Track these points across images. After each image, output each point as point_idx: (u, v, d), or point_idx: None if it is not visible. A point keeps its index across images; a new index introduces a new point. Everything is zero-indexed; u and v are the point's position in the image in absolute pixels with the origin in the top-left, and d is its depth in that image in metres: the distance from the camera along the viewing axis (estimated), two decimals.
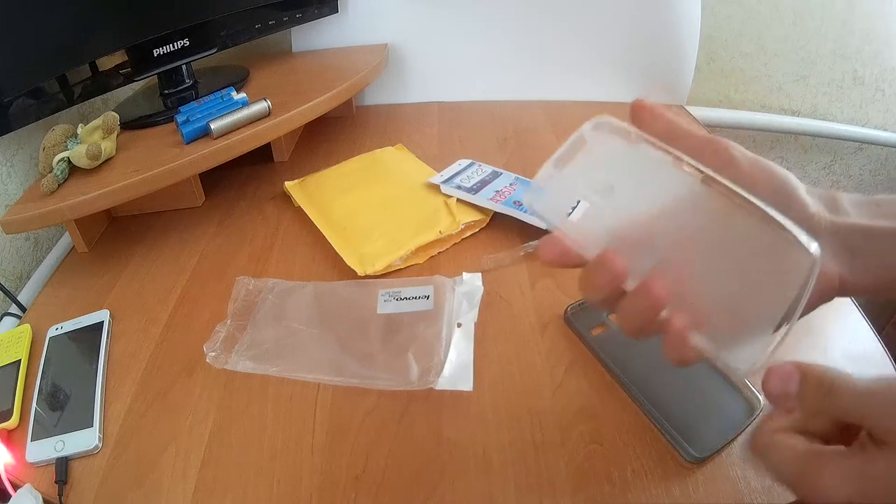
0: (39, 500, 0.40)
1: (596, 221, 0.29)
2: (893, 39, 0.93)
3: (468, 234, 0.62)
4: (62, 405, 0.47)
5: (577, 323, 0.50)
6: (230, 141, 0.64)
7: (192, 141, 0.64)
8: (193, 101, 0.69)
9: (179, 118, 0.65)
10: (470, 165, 0.71)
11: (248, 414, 0.45)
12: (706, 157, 0.28)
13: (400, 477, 0.40)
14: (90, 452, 0.43)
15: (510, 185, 0.66)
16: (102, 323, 0.54)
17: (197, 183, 0.71)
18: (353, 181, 0.71)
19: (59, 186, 0.60)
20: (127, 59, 0.70)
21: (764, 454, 0.26)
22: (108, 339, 0.53)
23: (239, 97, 0.69)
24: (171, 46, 0.73)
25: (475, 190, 0.65)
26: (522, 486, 0.39)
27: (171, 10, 0.72)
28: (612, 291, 0.29)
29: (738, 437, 0.41)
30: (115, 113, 0.63)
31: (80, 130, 0.63)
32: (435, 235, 0.60)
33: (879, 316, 1.20)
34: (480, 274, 0.56)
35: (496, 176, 0.69)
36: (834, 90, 0.99)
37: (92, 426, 0.44)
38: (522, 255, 0.58)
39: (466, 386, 0.46)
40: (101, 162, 0.62)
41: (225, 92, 0.70)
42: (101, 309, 0.55)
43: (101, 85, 0.68)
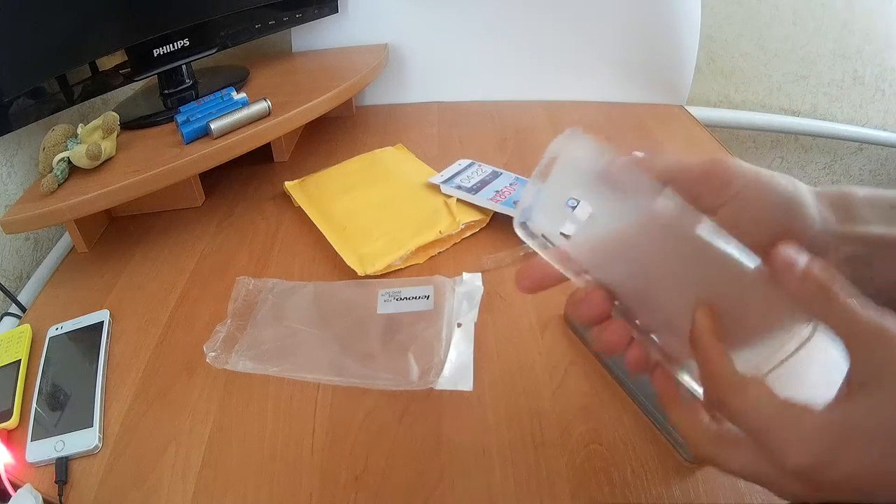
0: (39, 500, 0.40)
1: (585, 240, 0.30)
2: (893, 39, 0.93)
3: (468, 234, 0.62)
4: (62, 405, 0.47)
5: (577, 323, 0.50)
6: (230, 141, 0.64)
7: (192, 141, 0.64)
8: (193, 101, 0.69)
9: (179, 118, 0.65)
10: (470, 165, 0.71)
11: (248, 414, 0.45)
12: (703, 189, 0.27)
13: (400, 477, 0.40)
14: (90, 452, 0.43)
15: (510, 185, 0.66)
16: (102, 323, 0.54)
17: (197, 183, 0.71)
18: (353, 181, 0.71)
19: (59, 186, 0.60)
20: (127, 59, 0.70)
21: (729, 397, 0.25)
22: (108, 339, 0.53)
23: (239, 97, 0.69)
24: (171, 46, 0.73)
25: (475, 190, 0.65)
26: (522, 486, 0.39)
27: (171, 10, 0.72)
28: (598, 320, 0.30)
29: None
30: (115, 113, 0.63)
31: (80, 130, 0.63)
32: (435, 235, 0.60)
33: None
34: (480, 274, 0.56)
35: (496, 176, 0.69)
36: (834, 90, 1.00)
37: (92, 426, 0.44)
38: (522, 255, 0.58)
39: (466, 386, 0.46)
40: (101, 162, 0.62)
41: (225, 92, 0.70)
42: (101, 309, 0.55)
43: (101, 85, 0.69)
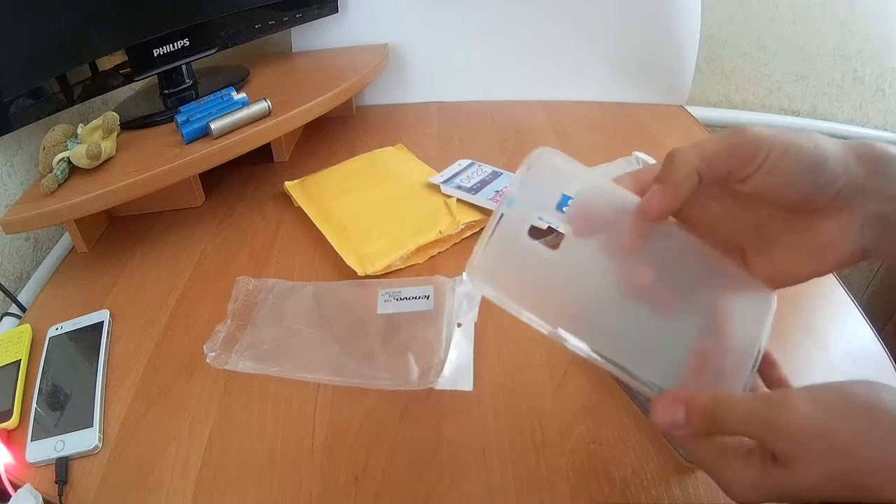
0: (39, 500, 0.40)
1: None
2: (893, 39, 0.93)
3: (468, 234, 0.62)
4: (62, 405, 0.47)
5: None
6: (230, 141, 0.64)
7: (192, 141, 0.64)
8: (193, 101, 0.69)
9: (179, 118, 0.65)
10: (470, 165, 0.71)
11: (248, 414, 0.45)
12: (731, 167, 0.27)
13: (400, 477, 0.40)
14: (90, 452, 0.43)
15: (510, 185, 0.66)
16: (102, 323, 0.54)
17: (197, 183, 0.71)
18: (353, 181, 0.71)
19: (59, 186, 0.60)
20: (127, 59, 0.70)
21: (684, 448, 0.29)
22: (108, 339, 0.53)
23: (239, 97, 0.69)
24: (171, 46, 0.73)
25: (475, 190, 0.65)
26: (522, 486, 0.39)
27: (171, 10, 0.72)
28: None
29: None
30: (115, 113, 0.63)
31: (80, 130, 0.63)
32: (435, 235, 0.60)
33: (879, 316, 1.20)
34: None
35: (496, 176, 0.69)
36: (834, 90, 0.99)
37: (92, 426, 0.44)
38: None
39: (466, 386, 0.46)
40: (101, 162, 0.62)
41: (225, 92, 0.70)
42: (101, 309, 0.55)
43: (101, 85, 0.69)
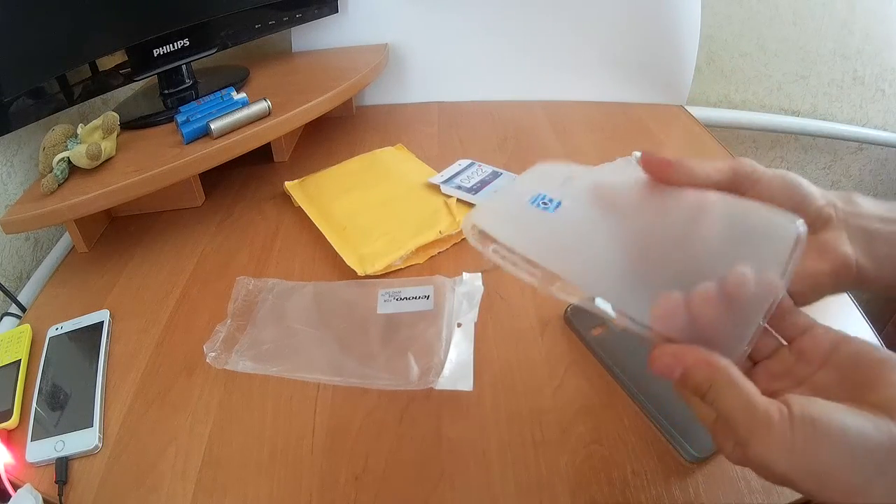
0: (39, 500, 0.40)
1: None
2: (893, 39, 0.93)
3: None
4: (62, 405, 0.47)
5: (577, 323, 0.50)
6: (230, 141, 0.64)
7: (192, 141, 0.64)
8: (193, 101, 0.69)
9: (179, 118, 0.65)
10: (470, 165, 0.71)
11: (248, 414, 0.45)
12: (735, 187, 0.29)
13: (400, 477, 0.40)
14: (90, 452, 0.43)
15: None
16: (102, 323, 0.54)
17: (197, 183, 0.71)
18: (353, 181, 0.71)
19: (59, 186, 0.60)
20: (127, 59, 0.70)
21: (713, 386, 0.25)
22: (108, 339, 0.53)
23: (239, 97, 0.69)
24: (171, 46, 0.73)
25: (475, 190, 0.65)
26: (522, 486, 0.39)
27: (171, 10, 0.72)
28: None
29: None
30: (115, 113, 0.63)
31: (80, 130, 0.63)
32: (435, 235, 0.60)
33: (879, 316, 1.20)
34: (480, 274, 0.56)
35: (496, 176, 0.69)
36: (834, 90, 1.00)
37: (92, 426, 0.44)
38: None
39: (466, 386, 0.46)
40: (101, 162, 0.62)
41: (225, 92, 0.70)
42: (101, 309, 0.55)
43: (101, 85, 0.69)
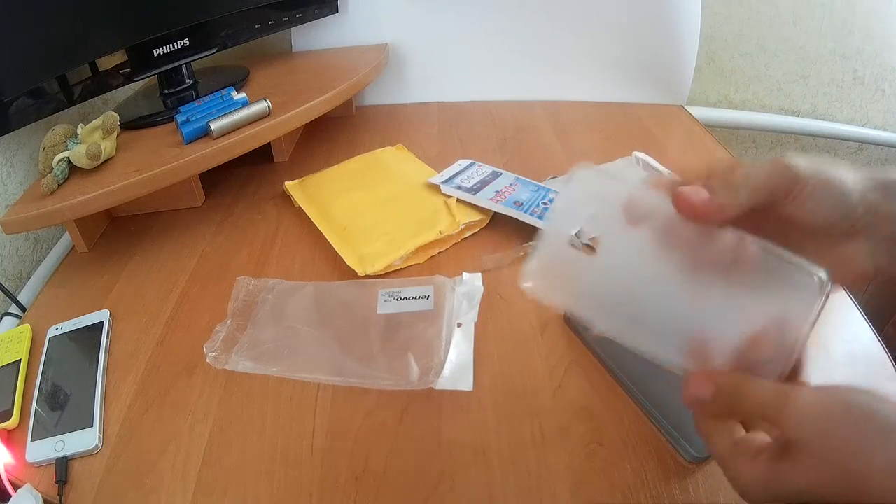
0: (39, 500, 0.40)
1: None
2: (893, 39, 0.93)
3: (468, 234, 0.62)
4: (62, 405, 0.47)
5: (577, 323, 0.50)
6: (230, 141, 0.64)
7: (192, 141, 0.64)
8: (193, 101, 0.69)
9: (179, 118, 0.65)
10: (470, 165, 0.71)
11: (248, 414, 0.45)
12: (777, 187, 0.28)
13: (400, 477, 0.40)
14: (90, 452, 0.43)
15: (510, 185, 0.66)
16: (102, 323, 0.54)
17: (197, 183, 0.71)
18: (353, 181, 0.71)
19: (59, 186, 0.60)
20: (127, 59, 0.70)
21: (702, 434, 0.29)
22: (108, 339, 0.53)
23: (239, 97, 0.69)
24: (171, 46, 0.73)
25: (475, 190, 0.65)
26: (522, 486, 0.39)
27: (171, 10, 0.72)
28: None
29: None
30: (115, 113, 0.63)
31: (80, 130, 0.63)
32: (435, 235, 0.60)
33: (879, 316, 1.20)
34: (480, 274, 0.56)
35: (496, 176, 0.69)
36: (834, 90, 0.99)
37: (92, 426, 0.44)
38: (522, 255, 0.58)
39: (466, 386, 0.46)
40: (101, 162, 0.62)
41: (225, 92, 0.70)
42: (101, 309, 0.55)
43: (101, 85, 0.69)
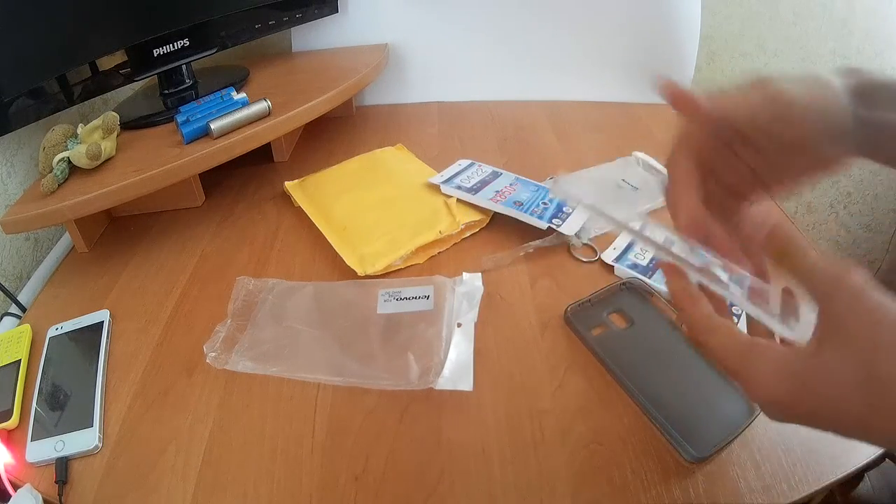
0: (39, 500, 0.40)
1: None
2: (893, 39, 0.93)
3: (468, 234, 0.62)
4: (62, 405, 0.47)
5: (577, 323, 0.50)
6: (230, 141, 0.64)
7: (192, 141, 0.64)
8: (193, 101, 0.69)
9: (179, 118, 0.65)
10: (470, 166, 0.71)
11: (248, 414, 0.45)
12: (765, 115, 0.29)
13: (400, 477, 0.40)
14: (90, 452, 0.43)
15: (510, 185, 0.66)
16: (102, 323, 0.54)
17: (197, 183, 0.71)
18: (353, 181, 0.71)
19: (59, 186, 0.60)
20: (127, 59, 0.70)
21: (704, 338, 0.27)
22: (108, 339, 0.53)
23: (239, 97, 0.69)
24: (171, 46, 0.73)
25: (475, 190, 0.65)
26: (522, 486, 0.39)
27: (170, 10, 0.72)
28: None
29: (738, 436, 0.41)
30: (115, 113, 0.63)
31: (80, 130, 0.63)
32: (435, 235, 0.60)
33: None
34: (480, 274, 0.56)
35: (496, 176, 0.69)
36: None
37: (92, 426, 0.44)
38: (522, 255, 0.58)
39: (466, 386, 0.46)
40: (101, 162, 0.62)
41: (225, 92, 0.70)
42: (101, 309, 0.55)
43: (101, 85, 0.69)
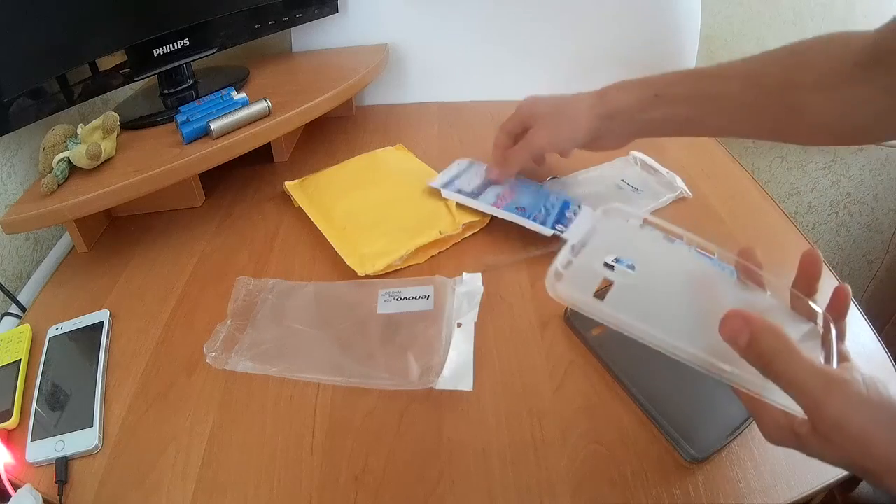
0: (39, 500, 0.40)
1: (624, 301, 0.31)
2: None
3: (468, 234, 0.62)
4: (62, 405, 0.47)
5: (577, 323, 0.50)
6: (230, 141, 0.64)
7: (192, 141, 0.64)
8: (193, 101, 0.69)
9: (179, 118, 0.65)
10: (469, 166, 0.71)
11: (248, 414, 0.45)
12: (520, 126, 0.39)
13: (400, 477, 0.40)
14: (90, 452, 0.43)
15: (511, 187, 0.66)
16: (102, 323, 0.54)
17: (197, 183, 0.71)
18: (353, 181, 0.71)
19: (59, 186, 0.60)
20: (127, 59, 0.70)
21: (777, 354, 0.28)
22: (108, 339, 0.53)
23: (239, 97, 0.69)
24: (171, 46, 0.73)
25: (476, 195, 0.64)
26: (522, 486, 0.39)
27: (171, 10, 0.72)
28: None
29: (737, 436, 0.41)
30: (115, 113, 0.63)
31: (80, 130, 0.63)
32: (435, 235, 0.60)
33: (879, 316, 1.20)
34: (480, 274, 0.56)
35: None
36: None
37: (92, 426, 0.44)
38: (523, 256, 0.58)
39: (466, 386, 0.46)
40: (101, 162, 0.62)
41: (225, 92, 0.70)
42: (101, 309, 0.55)
43: (101, 85, 0.68)
